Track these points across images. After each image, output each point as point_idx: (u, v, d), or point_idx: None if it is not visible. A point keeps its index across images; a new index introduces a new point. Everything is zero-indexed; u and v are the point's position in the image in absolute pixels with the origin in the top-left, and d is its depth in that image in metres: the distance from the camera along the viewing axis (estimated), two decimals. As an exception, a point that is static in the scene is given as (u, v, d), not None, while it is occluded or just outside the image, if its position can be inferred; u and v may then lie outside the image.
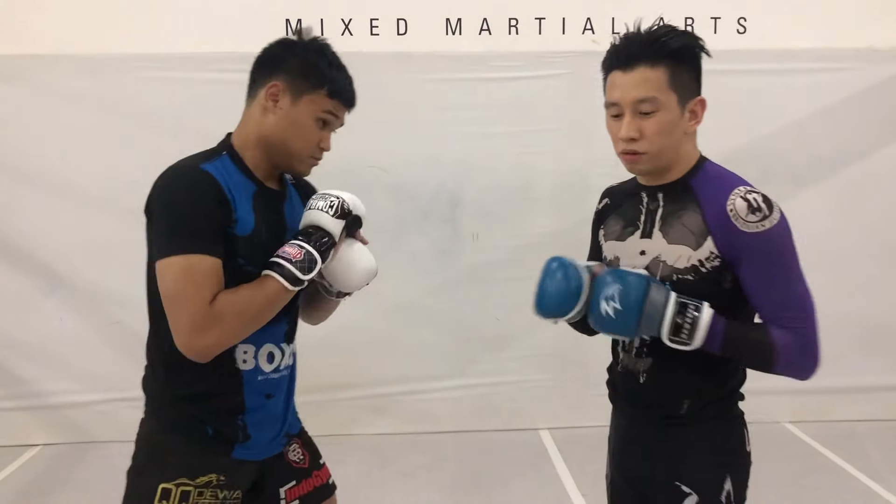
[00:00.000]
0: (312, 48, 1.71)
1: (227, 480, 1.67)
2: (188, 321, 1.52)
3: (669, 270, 1.56)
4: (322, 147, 1.73)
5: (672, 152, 1.58)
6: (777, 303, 1.51)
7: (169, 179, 1.59)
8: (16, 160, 3.97)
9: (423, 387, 4.31)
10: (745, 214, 1.47)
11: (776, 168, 4.24)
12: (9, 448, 4.07)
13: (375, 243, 1.85)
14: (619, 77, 1.55)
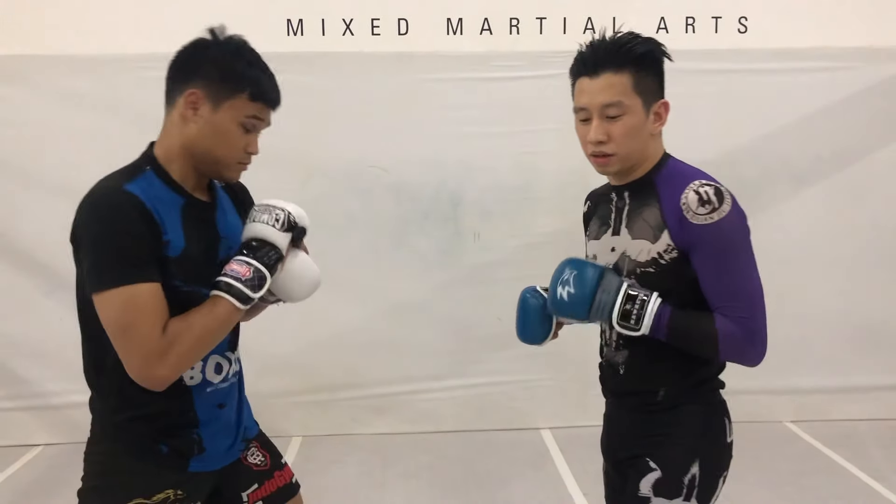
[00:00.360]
0: (228, 49, 1.63)
1: (185, 494, 1.66)
2: (142, 353, 1.48)
3: (634, 264, 1.65)
4: (249, 151, 1.66)
5: (639, 153, 1.66)
6: (723, 292, 1.58)
7: (93, 206, 1.53)
8: (16, 160, 3.97)
9: (425, 386, 4.31)
10: (696, 207, 1.54)
11: (777, 168, 4.25)
12: (10, 448, 4.07)
13: (377, 243, 1.86)
14: (586, 83, 1.64)
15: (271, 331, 4.16)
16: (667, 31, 4.16)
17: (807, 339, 4.34)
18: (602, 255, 1.75)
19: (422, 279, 4.21)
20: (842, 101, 4.20)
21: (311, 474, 3.81)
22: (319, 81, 4.08)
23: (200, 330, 1.53)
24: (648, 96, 1.64)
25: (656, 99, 1.66)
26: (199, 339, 1.53)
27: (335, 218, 4.16)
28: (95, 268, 1.50)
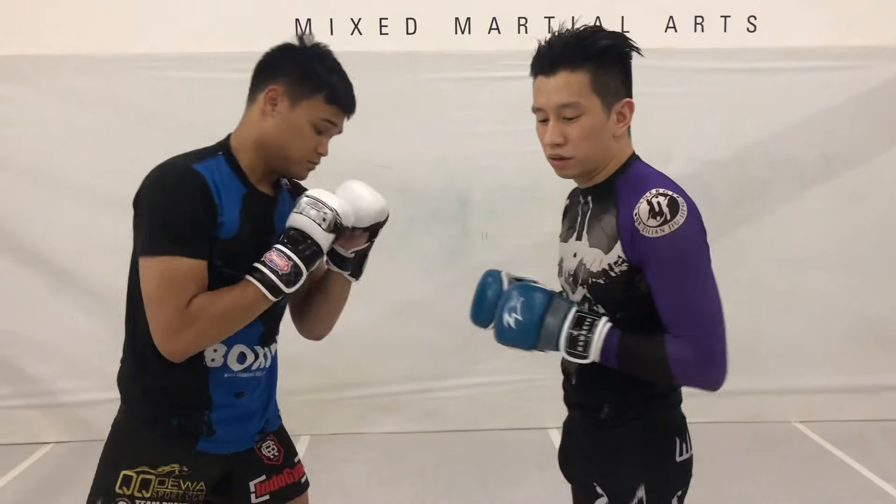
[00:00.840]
0: (313, 54, 1.72)
1: (191, 472, 1.69)
2: (163, 323, 1.55)
3: (587, 273, 1.56)
4: (319, 152, 1.73)
5: (599, 156, 1.56)
6: (676, 311, 1.46)
7: (158, 177, 1.61)
8: (23, 160, 3.98)
9: (431, 385, 4.31)
10: (647, 218, 1.44)
11: (785, 167, 4.23)
12: (20, 446, 4.09)
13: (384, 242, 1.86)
14: (542, 82, 1.55)
15: (280, 328, 4.18)
16: (675, 30, 4.16)
17: (814, 338, 4.33)
18: (567, 260, 1.67)
19: (429, 279, 4.21)
20: (850, 101, 4.18)
21: (319, 473, 3.81)
22: (327, 81, 4.08)
23: (222, 311, 1.57)
24: (609, 95, 1.53)
25: (619, 98, 1.55)
26: (220, 320, 1.58)
27: (343, 217, 4.16)
28: (146, 234, 1.57)
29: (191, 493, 1.70)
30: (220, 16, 3.99)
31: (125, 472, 1.66)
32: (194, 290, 1.56)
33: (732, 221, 4.24)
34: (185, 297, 1.54)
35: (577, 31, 1.55)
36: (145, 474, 1.66)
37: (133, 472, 1.66)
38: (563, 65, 1.51)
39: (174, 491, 1.67)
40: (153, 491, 1.65)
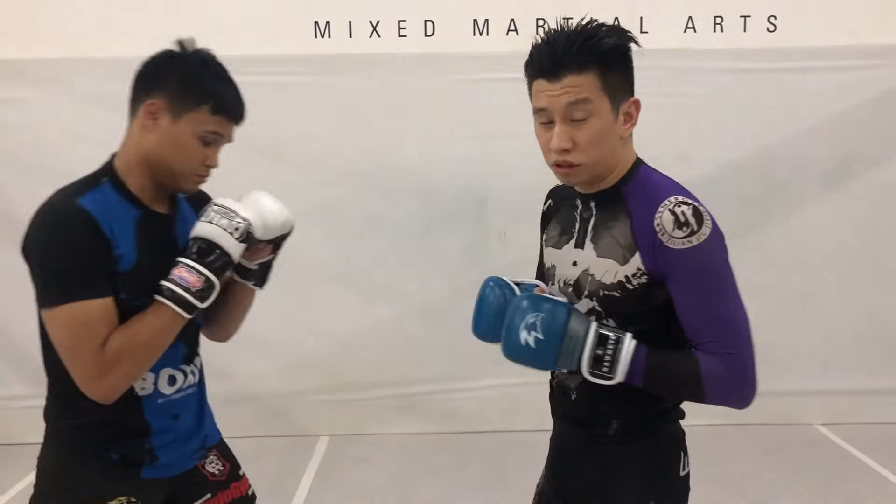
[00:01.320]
0: (195, 62, 1.60)
1: (138, 501, 1.65)
2: (83, 372, 1.48)
3: (597, 285, 1.47)
4: (208, 164, 1.62)
5: (607, 160, 1.47)
6: (704, 325, 1.39)
7: (42, 220, 1.51)
8: (52, 162, 4.00)
9: (451, 386, 4.32)
10: (672, 229, 1.36)
11: (806, 168, 4.20)
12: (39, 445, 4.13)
13: (403, 243, 1.86)
14: (544, 85, 1.44)
15: (298, 330, 4.20)
16: (695, 30, 4.13)
17: (836, 340, 4.29)
18: (562, 268, 1.58)
19: (447, 279, 4.21)
20: (872, 100, 4.14)
21: (338, 473, 3.84)
22: (346, 83, 4.10)
23: (141, 342, 1.50)
24: (617, 95, 1.43)
25: (626, 97, 1.45)
26: (142, 352, 1.51)
27: (361, 218, 4.18)
28: (41, 285, 1.51)
29: None
30: (239, 18, 4.01)
31: None
32: (106, 331, 1.48)
33: (752, 222, 4.21)
34: (99, 340, 1.47)
35: (580, 29, 1.45)
36: None
37: None
38: (568, 68, 1.40)
39: None
40: None
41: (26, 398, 4.25)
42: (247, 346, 3.97)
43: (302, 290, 4.07)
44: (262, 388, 4.18)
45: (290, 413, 4.25)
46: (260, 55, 3.97)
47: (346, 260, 4.19)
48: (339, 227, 4.15)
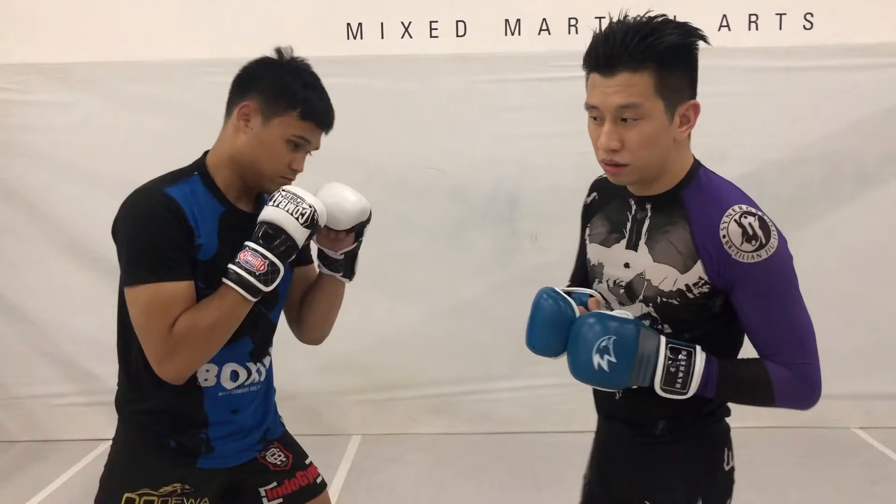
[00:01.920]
0: (288, 69, 1.68)
1: (193, 489, 1.71)
2: (153, 352, 1.56)
3: (654, 291, 1.45)
4: (293, 168, 1.69)
5: (658, 163, 1.42)
6: (774, 337, 1.39)
7: (131, 205, 1.61)
8: (86, 164, 4.09)
9: (482, 387, 4.31)
10: (740, 243, 1.33)
11: (844, 167, 4.13)
12: (84, 442, 4.20)
13: (434, 244, 1.87)
14: (599, 80, 1.37)
15: (331, 331, 4.22)
16: (729, 28, 4.09)
17: (875, 343, 4.21)
18: (611, 268, 1.54)
19: (479, 280, 4.21)
20: (912, 98, 4.07)
21: (370, 472, 3.85)
22: (378, 84, 4.12)
23: (207, 325, 1.55)
24: (674, 97, 1.37)
25: (684, 99, 1.39)
26: (207, 334, 1.56)
27: (393, 219, 4.18)
28: (126, 264, 1.59)
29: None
30: (271, 20, 4.04)
31: (127, 495, 1.67)
32: (180, 312, 1.55)
33: (791, 223, 4.10)
34: (170, 321, 1.54)
35: (641, 23, 1.37)
36: (147, 496, 1.67)
37: (135, 495, 1.67)
38: (623, 64, 1.34)
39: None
40: None
41: (65, 396, 4.35)
42: (281, 346, 4.02)
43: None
44: (297, 387, 4.20)
45: (323, 412, 4.28)
46: (293, 57, 4.00)
47: (377, 261, 4.19)
48: (371, 227, 4.16)
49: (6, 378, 4.34)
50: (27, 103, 4.14)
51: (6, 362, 4.32)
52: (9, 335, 4.30)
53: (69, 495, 3.68)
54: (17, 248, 4.22)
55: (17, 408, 4.36)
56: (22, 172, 4.18)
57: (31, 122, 4.15)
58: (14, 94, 4.13)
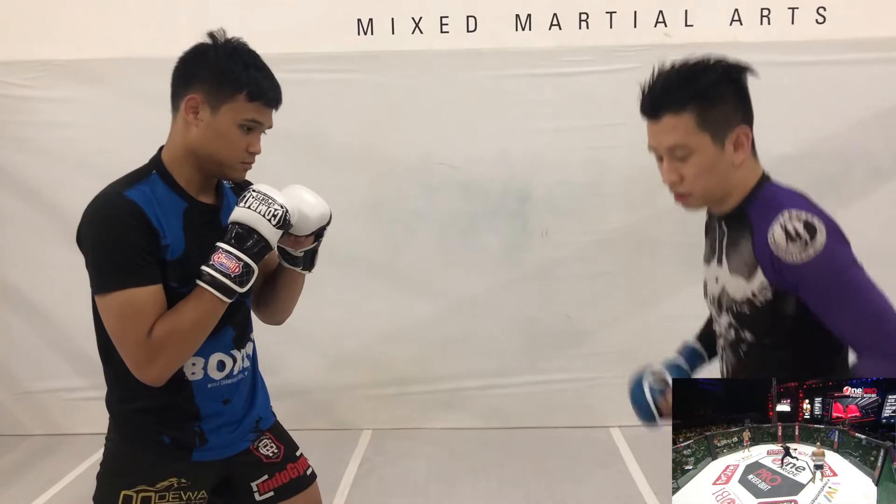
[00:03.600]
0: (226, 52, 1.64)
1: (189, 483, 1.72)
2: (132, 358, 1.56)
3: (730, 301, 1.55)
4: (251, 151, 1.67)
5: (720, 187, 1.53)
6: (853, 328, 1.42)
7: (93, 212, 1.60)
8: (99, 159, 4.08)
9: (494, 382, 4.31)
10: (786, 245, 1.40)
11: (858, 161, 4.11)
12: (96, 436, 4.16)
13: (445, 239, 1.87)
14: (650, 125, 1.54)
15: (342, 325, 4.24)
16: (741, 23, 4.06)
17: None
18: (710, 283, 1.66)
19: (490, 275, 4.21)
20: (926, 92, 4.04)
21: (381, 467, 3.86)
22: (389, 80, 4.12)
23: (186, 327, 1.56)
24: (720, 129, 1.48)
25: (732, 127, 1.50)
26: (186, 337, 1.57)
27: (405, 215, 4.19)
28: (93, 273, 1.58)
29: (193, 502, 1.73)
30: (282, 17, 4.05)
31: (125, 493, 1.69)
32: (153, 318, 1.55)
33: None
34: (146, 327, 1.54)
35: (679, 68, 1.50)
36: (144, 492, 1.68)
37: (132, 492, 1.68)
38: (666, 109, 1.48)
39: (176, 503, 1.71)
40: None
41: (80, 390, 4.37)
42: (293, 341, 4.04)
43: (346, 286, 4.10)
44: (308, 382, 4.23)
45: (334, 407, 4.30)
46: (303, 53, 4.00)
47: (389, 256, 4.21)
48: (384, 223, 4.17)
49: (20, 372, 4.37)
50: (40, 100, 4.16)
51: (20, 356, 4.36)
52: (22, 330, 4.34)
53: (81, 489, 3.70)
54: (30, 244, 4.26)
55: (30, 402, 4.39)
56: (35, 168, 4.21)
57: (44, 118, 4.17)
58: (27, 91, 4.16)
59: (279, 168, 2.18)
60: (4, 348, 4.36)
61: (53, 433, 4.34)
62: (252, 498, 1.85)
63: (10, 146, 4.20)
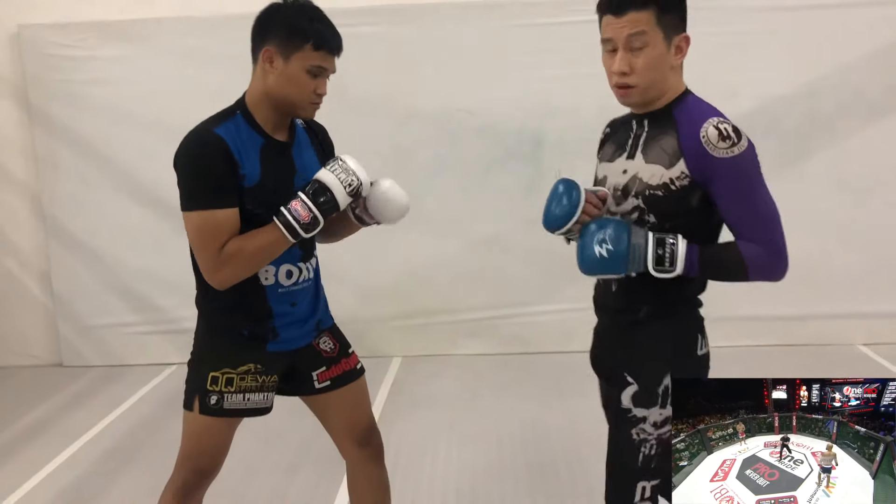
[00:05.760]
0: (293, 10, 1.80)
1: (264, 368, 1.92)
2: (204, 265, 1.78)
3: (643, 186, 1.64)
4: (318, 93, 1.83)
5: (659, 84, 1.63)
6: (745, 218, 1.58)
7: (186, 144, 1.78)
8: (146, 113, 4.14)
9: (513, 312, 4.38)
10: (717, 141, 1.53)
11: (850, 100, 4.09)
12: (151, 366, 4.38)
13: (464, 181, 1.89)
14: (611, 19, 1.61)
15: (373, 263, 4.29)
16: (741, -31, 3.97)
17: (879, 265, 4.20)
18: (612, 177, 1.73)
19: (507, 215, 4.22)
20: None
21: (410, 387, 3.97)
22: (411, 32, 4.10)
23: (251, 251, 1.76)
24: (670, 30, 1.60)
25: (678, 32, 1.62)
26: (250, 258, 1.77)
27: (426, 160, 4.20)
28: (182, 193, 1.77)
29: (266, 384, 1.93)
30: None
31: (212, 374, 1.89)
32: (227, 235, 1.75)
33: (798, 154, 4.11)
34: (220, 242, 1.74)
35: None
36: (228, 374, 1.89)
37: (218, 374, 1.89)
38: (631, 6, 1.57)
39: (253, 384, 1.91)
40: (237, 386, 1.89)
41: (135, 325, 4.49)
42: (330, 277, 4.08)
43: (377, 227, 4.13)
44: (343, 313, 4.21)
45: (367, 336, 4.35)
46: (329, 7, 3.94)
47: (414, 198, 4.16)
48: (408, 168, 4.18)
49: (82, 310, 4.49)
50: (89, 59, 4.19)
51: (82, 296, 4.47)
52: (83, 272, 4.44)
53: (139, 413, 3.83)
54: (87, 194, 4.33)
55: (92, 336, 4.52)
56: (86, 123, 4.26)
57: (92, 76, 4.21)
58: (77, 51, 4.18)
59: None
60: (68, 288, 4.47)
61: (113, 364, 4.48)
62: (312, 385, 2.02)
63: (63, 102, 4.24)
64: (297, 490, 2.96)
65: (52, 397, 4.05)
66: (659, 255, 1.57)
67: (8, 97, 4.32)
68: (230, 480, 2.92)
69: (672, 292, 1.66)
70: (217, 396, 1.88)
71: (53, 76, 4.21)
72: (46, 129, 4.28)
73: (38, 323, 4.57)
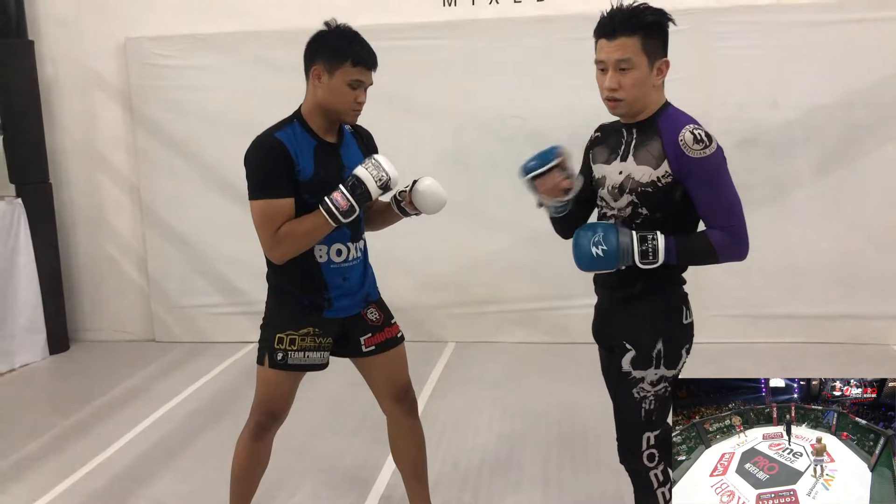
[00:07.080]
0: (335, 33, 2.08)
1: (321, 331, 2.19)
2: (264, 243, 2.07)
3: (636, 184, 1.86)
4: (359, 102, 2.09)
5: (643, 100, 1.85)
6: (714, 209, 1.82)
7: (254, 146, 2.09)
8: (232, 117, 4.39)
9: (559, 304, 4.48)
10: (692, 144, 1.77)
11: (888, 109, 4.06)
12: (231, 344, 4.61)
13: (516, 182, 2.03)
14: (604, 43, 1.83)
15: (432, 254, 4.46)
16: (785, -15, 4.01)
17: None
18: (610, 177, 1.93)
19: (557, 213, 4.30)
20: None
21: (461, 369, 4.12)
22: (469, 45, 4.26)
23: (300, 233, 2.04)
24: (653, 55, 1.81)
25: (659, 57, 1.83)
26: (299, 238, 2.05)
27: (483, 162, 4.34)
28: (250, 186, 2.07)
29: (323, 345, 2.20)
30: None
31: (279, 335, 2.17)
32: (283, 220, 2.04)
33: (838, 161, 4.12)
34: (276, 225, 2.03)
35: (630, 7, 1.82)
36: (291, 335, 2.17)
37: (283, 334, 2.17)
38: (621, 32, 1.79)
39: (312, 344, 2.18)
40: (298, 345, 2.17)
41: (218, 306, 4.76)
42: (393, 267, 4.30)
43: (436, 223, 4.21)
44: (403, 301, 4.42)
45: (424, 322, 4.53)
46: (396, 23, 4.18)
47: (470, 197, 4.36)
48: (465, 168, 4.34)
49: (173, 291, 4.79)
50: (185, 67, 4.51)
51: (172, 278, 4.77)
52: (174, 257, 4.75)
53: (221, 382, 4.10)
54: (179, 187, 4.64)
55: (180, 314, 4.82)
56: (179, 124, 4.57)
57: (187, 83, 4.52)
58: (176, 60, 4.50)
59: (377, 122, 2.41)
60: (160, 271, 4.77)
61: (198, 341, 4.75)
62: (360, 349, 2.28)
63: (161, 106, 4.55)
64: (353, 451, 3.18)
65: (145, 368, 4.34)
66: (643, 251, 1.80)
67: (115, 101, 4.67)
68: (298, 438, 3.17)
69: (660, 271, 1.86)
70: (282, 353, 2.16)
71: (153, 83, 4.53)
72: (146, 130, 4.61)
73: (134, 302, 4.89)
